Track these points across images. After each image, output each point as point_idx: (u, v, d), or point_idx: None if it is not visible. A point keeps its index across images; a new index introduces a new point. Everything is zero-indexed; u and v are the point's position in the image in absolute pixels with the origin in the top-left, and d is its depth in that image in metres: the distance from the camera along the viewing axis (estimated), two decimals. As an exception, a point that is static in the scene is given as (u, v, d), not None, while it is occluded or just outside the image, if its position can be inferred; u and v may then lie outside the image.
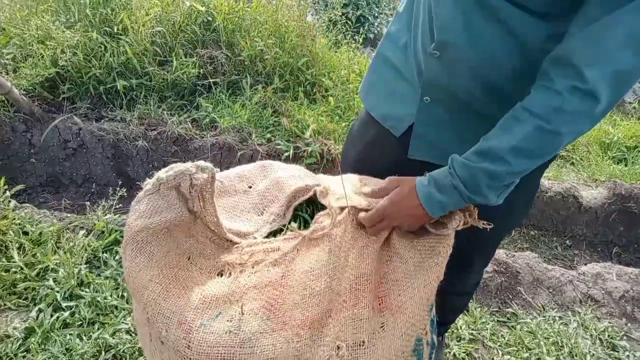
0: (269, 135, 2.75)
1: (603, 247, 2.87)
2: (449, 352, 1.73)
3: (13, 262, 1.82)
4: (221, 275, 0.87)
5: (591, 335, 1.87)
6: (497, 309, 1.97)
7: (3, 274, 1.77)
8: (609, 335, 1.87)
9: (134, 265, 0.82)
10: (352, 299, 0.81)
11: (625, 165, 3.17)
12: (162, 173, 0.86)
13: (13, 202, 2.11)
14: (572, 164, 3.23)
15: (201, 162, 0.89)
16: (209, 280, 0.86)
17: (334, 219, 0.90)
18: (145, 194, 0.86)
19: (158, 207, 0.85)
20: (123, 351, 1.59)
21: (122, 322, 1.68)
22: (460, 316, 1.90)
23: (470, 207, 0.88)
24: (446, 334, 1.75)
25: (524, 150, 0.79)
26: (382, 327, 0.79)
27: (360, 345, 0.76)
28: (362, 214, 0.92)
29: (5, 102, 2.65)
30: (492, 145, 0.80)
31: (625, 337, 1.88)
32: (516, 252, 2.25)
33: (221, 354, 0.74)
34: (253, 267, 0.85)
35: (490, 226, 0.87)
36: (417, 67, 1.00)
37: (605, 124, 3.74)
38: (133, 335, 1.65)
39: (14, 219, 2.01)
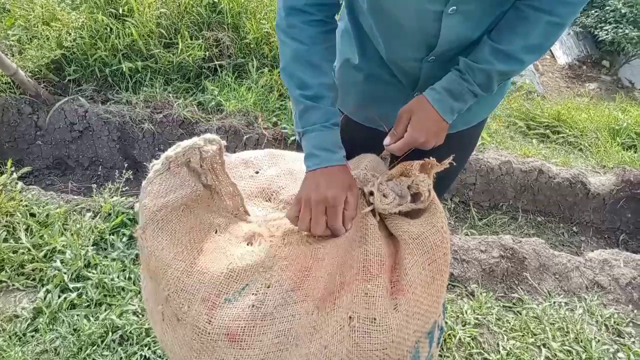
0: (275, 119, 2.73)
1: (610, 234, 2.86)
2: (454, 337, 1.73)
3: (21, 243, 1.84)
4: (250, 245, 0.87)
5: (597, 322, 1.86)
6: (502, 294, 1.97)
7: (11, 255, 1.79)
8: (614, 322, 1.86)
9: (157, 245, 0.81)
10: (365, 273, 0.81)
11: (635, 152, 3.13)
12: (170, 151, 0.86)
13: (20, 184, 2.12)
14: (581, 150, 3.19)
15: (208, 135, 0.89)
16: (238, 249, 0.85)
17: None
18: (156, 174, 0.86)
19: (171, 185, 0.85)
20: (130, 332, 1.61)
21: (129, 304, 1.70)
22: (466, 301, 1.90)
23: (426, 160, 0.92)
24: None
25: (535, 46, 0.88)
26: (395, 308, 0.79)
27: (372, 321, 0.77)
28: (392, 146, 0.95)
29: (11, 84, 2.64)
30: (505, 48, 0.87)
31: (631, 324, 1.87)
32: (522, 237, 2.24)
33: (242, 327, 0.75)
34: (284, 239, 0.85)
35: (453, 163, 0.94)
36: (401, 70, 1.05)
37: (615, 110, 3.70)
38: (140, 316, 1.66)
39: (21, 200, 2.01)
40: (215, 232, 0.88)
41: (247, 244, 0.87)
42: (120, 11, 2.86)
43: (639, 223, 2.85)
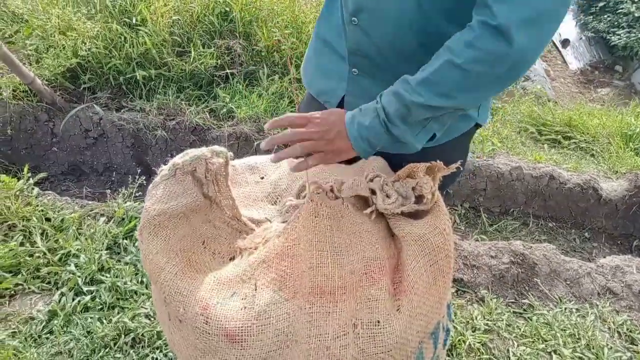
0: (285, 126, 2.76)
1: (623, 240, 2.83)
2: (464, 342, 1.73)
3: (36, 247, 1.87)
4: (233, 260, 0.88)
5: (609, 328, 1.84)
6: (513, 300, 1.96)
7: (27, 258, 1.83)
8: (627, 329, 1.84)
9: (151, 248, 0.83)
10: (367, 279, 0.82)
11: (648, 158, 3.10)
12: (178, 158, 0.87)
13: (36, 190, 2.16)
14: (592, 155, 3.17)
15: (216, 147, 0.90)
16: (222, 266, 0.87)
17: (340, 194, 0.89)
18: (162, 179, 0.88)
19: (174, 192, 0.87)
20: (142, 334, 1.63)
21: (142, 307, 1.72)
22: (476, 306, 1.89)
23: (433, 163, 0.90)
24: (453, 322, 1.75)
25: (433, 83, 0.79)
26: (398, 309, 0.80)
27: (376, 324, 0.77)
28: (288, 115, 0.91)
29: (29, 91, 2.71)
30: (409, 76, 0.83)
31: (644, 331, 1.85)
32: (533, 243, 2.23)
33: (238, 327, 0.76)
34: (264, 246, 0.86)
35: (460, 167, 0.90)
36: (344, 38, 1.01)
37: (628, 115, 3.66)
38: (152, 319, 1.69)
39: (37, 205, 2.06)
40: (203, 244, 0.89)
41: (230, 260, 0.89)
42: (134, 21, 2.92)
43: (652, 229, 2.81)
